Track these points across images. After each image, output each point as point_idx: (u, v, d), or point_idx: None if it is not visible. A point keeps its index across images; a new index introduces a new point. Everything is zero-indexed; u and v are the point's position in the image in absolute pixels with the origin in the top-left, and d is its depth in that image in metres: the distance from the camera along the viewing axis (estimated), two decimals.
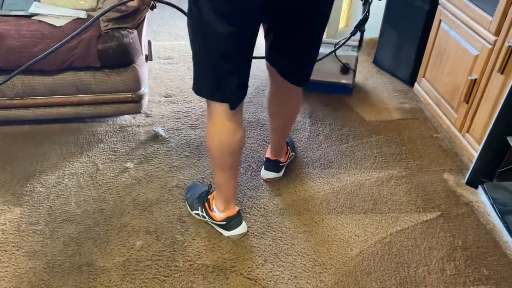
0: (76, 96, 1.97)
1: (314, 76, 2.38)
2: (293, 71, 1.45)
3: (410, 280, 1.47)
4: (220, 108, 1.33)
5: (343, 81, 2.46)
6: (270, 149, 1.82)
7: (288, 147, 1.89)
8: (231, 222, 1.55)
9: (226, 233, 1.57)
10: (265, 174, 1.83)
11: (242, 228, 1.58)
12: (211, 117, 1.38)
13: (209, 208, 1.58)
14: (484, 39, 1.86)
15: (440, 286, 1.45)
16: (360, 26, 2.01)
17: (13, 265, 1.45)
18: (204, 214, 1.60)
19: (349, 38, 2.03)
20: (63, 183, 1.78)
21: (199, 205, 1.62)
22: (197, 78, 1.34)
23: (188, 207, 1.68)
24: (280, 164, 1.82)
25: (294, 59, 1.40)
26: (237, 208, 1.58)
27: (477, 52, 1.91)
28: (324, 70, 2.40)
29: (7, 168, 1.84)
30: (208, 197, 1.60)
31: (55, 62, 1.84)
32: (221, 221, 1.56)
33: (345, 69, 2.40)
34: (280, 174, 1.84)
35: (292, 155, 1.94)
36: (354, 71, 2.43)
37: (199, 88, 1.35)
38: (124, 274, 1.44)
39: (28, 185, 1.76)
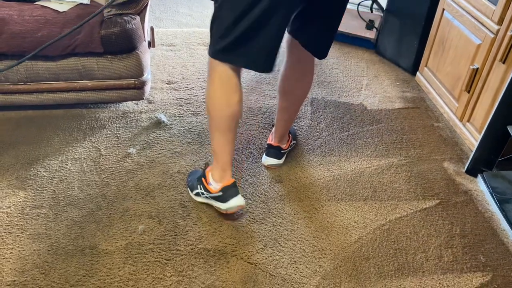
0: (79, 82, 1.98)
1: (341, 28, 2.55)
2: (317, 43, 1.50)
3: (408, 266, 1.49)
4: (222, 68, 1.37)
5: (367, 35, 2.78)
6: (273, 135, 1.83)
7: (290, 135, 1.90)
8: (227, 193, 1.53)
9: (223, 205, 1.55)
10: (266, 160, 1.84)
11: (238, 200, 1.55)
12: (211, 77, 1.42)
13: (206, 181, 1.59)
14: (487, 28, 1.86)
15: (438, 272, 1.47)
16: None
17: (18, 247, 1.48)
18: (203, 190, 1.60)
19: None
20: (66, 167, 1.80)
21: (198, 184, 1.64)
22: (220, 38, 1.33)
23: (189, 190, 1.70)
24: (282, 151, 1.83)
25: (321, 33, 1.46)
26: (233, 179, 1.56)
27: (480, 41, 1.91)
28: (350, 25, 2.79)
29: (11, 152, 1.86)
30: (205, 171, 1.62)
31: (58, 47, 1.84)
32: (217, 192, 1.55)
33: (370, 25, 2.76)
34: (281, 161, 1.85)
35: (294, 143, 1.95)
36: (378, 29, 2.74)
37: (216, 48, 1.35)
38: (126, 257, 1.46)
39: (32, 169, 1.78)
